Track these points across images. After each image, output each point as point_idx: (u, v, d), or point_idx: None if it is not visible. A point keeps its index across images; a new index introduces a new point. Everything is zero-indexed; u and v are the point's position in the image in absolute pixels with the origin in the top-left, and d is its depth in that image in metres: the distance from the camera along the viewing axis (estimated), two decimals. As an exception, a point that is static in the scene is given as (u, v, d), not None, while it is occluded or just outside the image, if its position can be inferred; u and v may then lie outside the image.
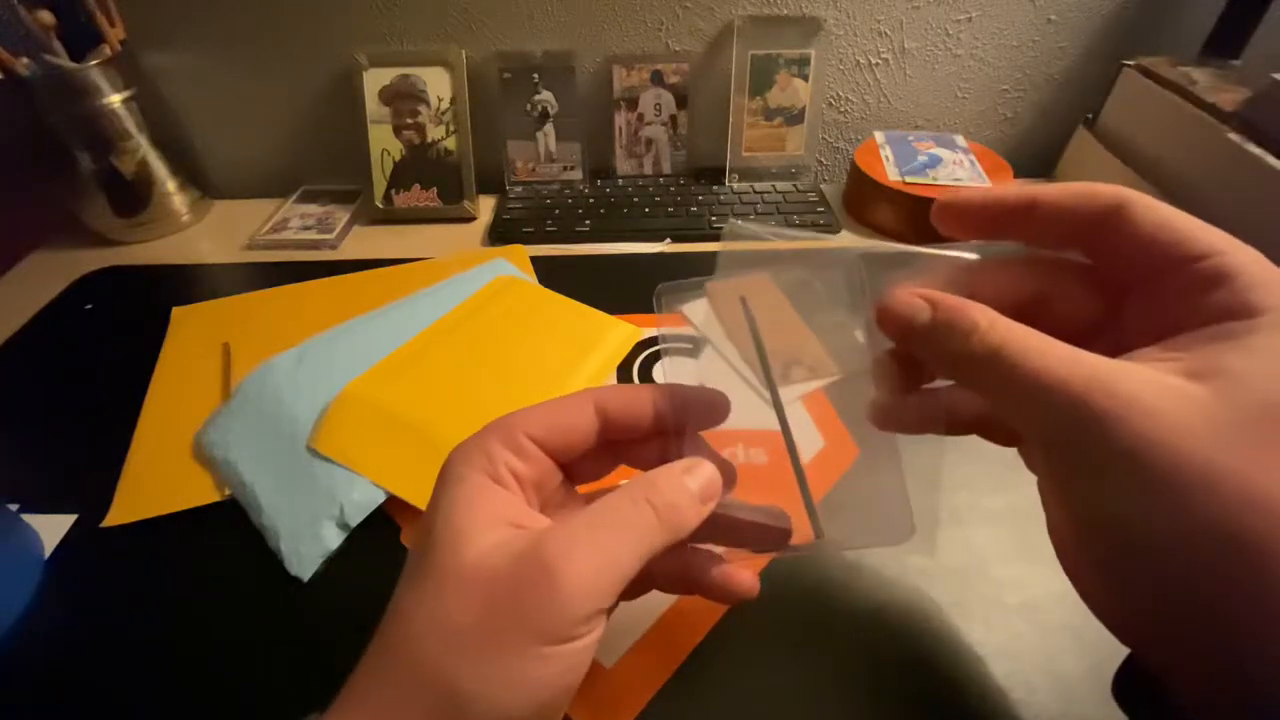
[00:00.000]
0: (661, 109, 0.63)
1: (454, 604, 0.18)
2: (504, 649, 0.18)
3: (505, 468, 0.21)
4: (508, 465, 0.21)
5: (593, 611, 0.18)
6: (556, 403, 0.23)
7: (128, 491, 0.37)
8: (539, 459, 0.22)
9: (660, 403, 0.24)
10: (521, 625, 0.18)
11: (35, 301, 0.53)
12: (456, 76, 0.60)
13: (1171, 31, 0.60)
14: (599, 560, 0.19)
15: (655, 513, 0.20)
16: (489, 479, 0.21)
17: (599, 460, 0.25)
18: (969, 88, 0.65)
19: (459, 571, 0.18)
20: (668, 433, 0.24)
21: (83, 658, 0.31)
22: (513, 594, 0.18)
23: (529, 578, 0.18)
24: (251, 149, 0.67)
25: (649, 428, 0.24)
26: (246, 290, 0.52)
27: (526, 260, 0.55)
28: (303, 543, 0.34)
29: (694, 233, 0.58)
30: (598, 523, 0.19)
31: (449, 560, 0.19)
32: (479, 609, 0.18)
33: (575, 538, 0.19)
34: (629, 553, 0.19)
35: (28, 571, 0.34)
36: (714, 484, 0.22)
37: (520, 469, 0.22)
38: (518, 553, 0.18)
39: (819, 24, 0.60)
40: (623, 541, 0.19)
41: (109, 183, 0.57)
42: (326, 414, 0.38)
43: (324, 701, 0.19)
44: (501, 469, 0.21)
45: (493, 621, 0.18)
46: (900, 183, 0.56)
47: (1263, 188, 0.44)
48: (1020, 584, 0.26)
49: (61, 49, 0.54)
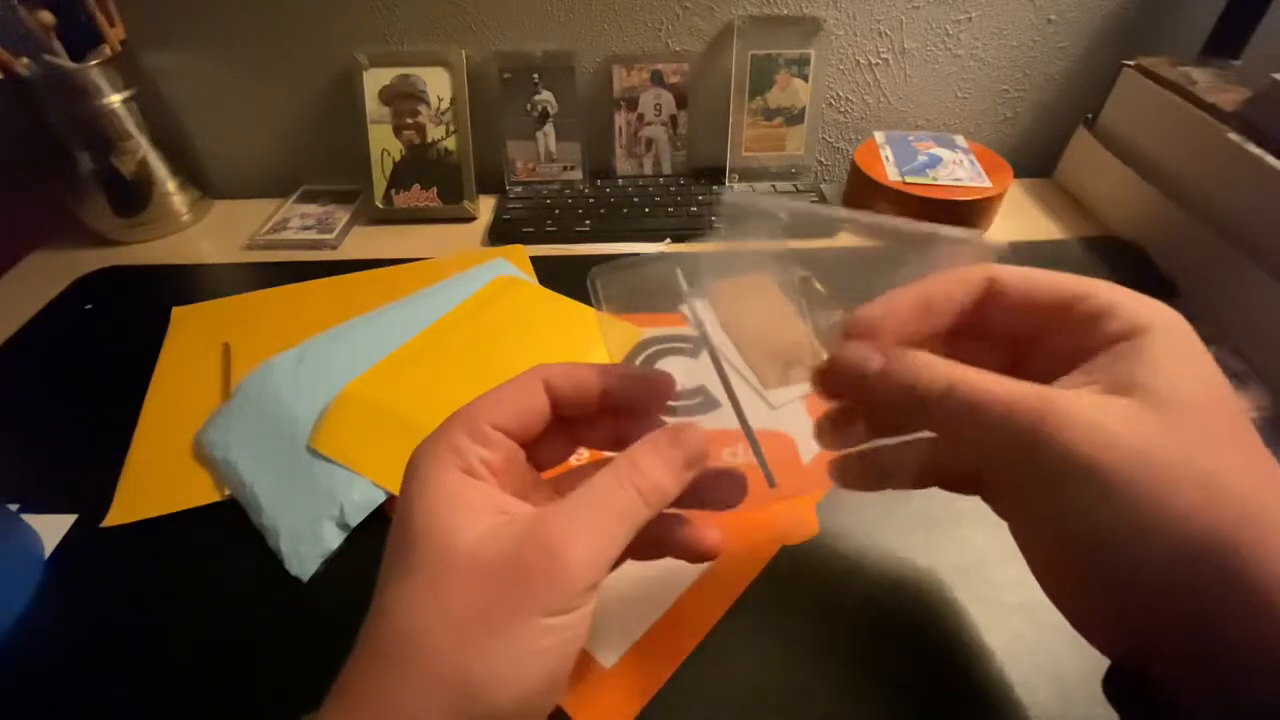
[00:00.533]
0: (661, 109, 0.63)
1: (455, 593, 0.19)
2: (512, 627, 0.18)
3: (477, 460, 0.22)
4: (478, 457, 0.22)
5: (591, 584, 0.20)
6: (510, 387, 0.24)
7: (128, 491, 0.37)
8: (504, 444, 0.23)
9: (608, 381, 0.25)
10: (527, 603, 0.19)
11: (35, 301, 0.53)
12: (456, 76, 0.60)
13: (1171, 31, 0.60)
14: (594, 539, 0.20)
15: (640, 494, 0.21)
16: (462, 473, 0.21)
17: (556, 443, 0.26)
18: (969, 88, 0.65)
19: (455, 562, 0.19)
20: (617, 413, 0.25)
21: (83, 658, 0.31)
22: (516, 575, 0.19)
23: (531, 559, 0.19)
24: (251, 149, 0.67)
25: (596, 403, 0.25)
26: (246, 290, 0.52)
27: (526, 260, 0.55)
28: (303, 543, 0.34)
29: (694, 233, 0.58)
30: (588, 504, 0.21)
31: (442, 553, 0.19)
32: (481, 595, 0.19)
33: (573, 518, 0.20)
34: (620, 530, 0.21)
35: (28, 571, 0.34)
36: (700, 449, 0.23)
37: (489, 458, 0.22)
38: (514, 537, 0.19)
39: (819, 24, 0.60)
40: (613, 519, 0.21)
41: (109, 183, 0.57)
42: (326, 414, 0.38)
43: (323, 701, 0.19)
44: (474, 461, 0.22)
45: (498, 604, 0.19)
46: (900, 183, 0.56)
47: (1263, 188, 0.44)
48: (1020, 584, 0.26)
49: (61, 49, 0.54)
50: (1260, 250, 0.44)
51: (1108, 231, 0.56)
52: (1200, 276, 0.48)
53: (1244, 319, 0.44)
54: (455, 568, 0.19)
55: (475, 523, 0.20)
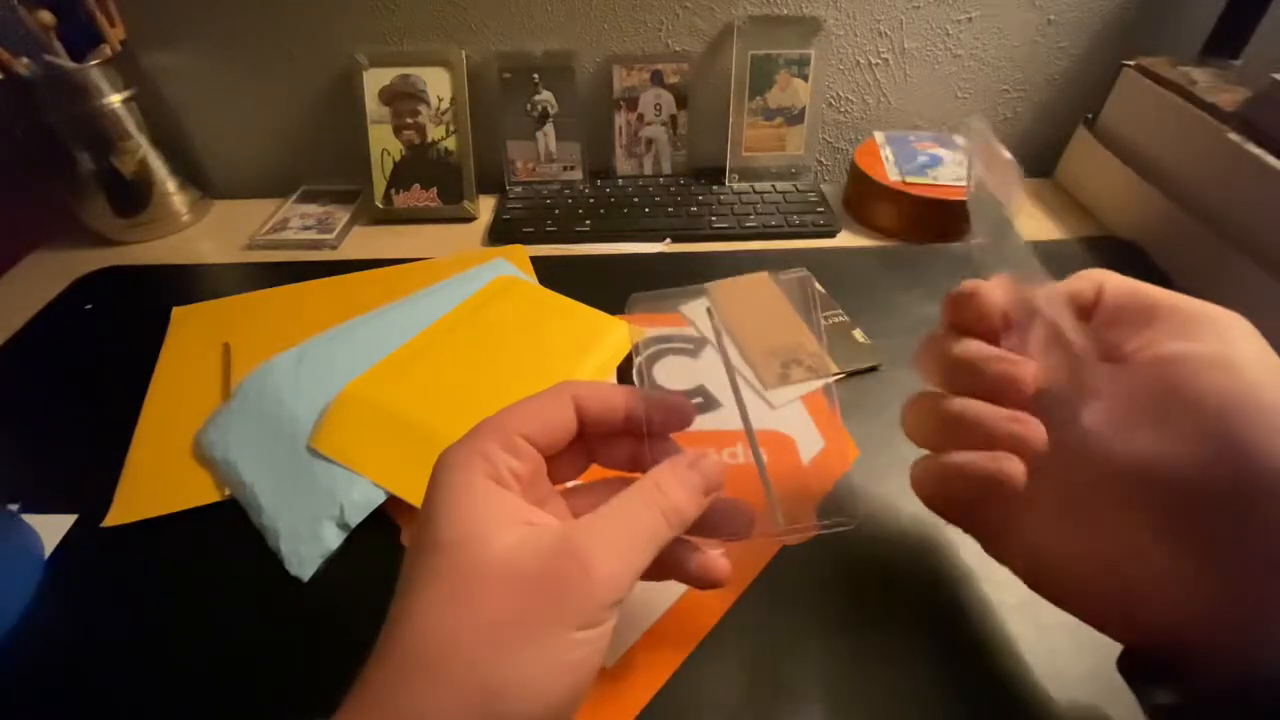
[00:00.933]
0: (661, 109, 0.63)
1: (487, 601, 0.19)
2: (545, 637, 0.19)
3: (506, 469, 0.22)
4: (508, 467, 0.22)
5: (618, 599, 0.20)
6: (541, 400, 0.24)
7: (128, 491, 0.37)
8: (532, 456, 0.23)
9: (632, 403, 0.25)
10: (561, 614, 0.19)
11: (35, 301, 0.53)
12: (456, 76, 0.60)
13: (1171, 31, 0.60)
14: (624, 555, 0.21)
15: (664, 517, 0.22)
16: (493, 482, 0.21)
17: (574, 459, 0.26)
18: (969, 88, 0.65)
19: (487, 571, 0.19)
20: (637, 434, 0.26)
21: (83, 658, 0.31)
22: (550, 586, 0.19)
23: (565, 571, 0.19)
24: (251, 149, 0.67)
25: (620, 426, 0.25)
26: (246, 290, 0.52)
27: (526, 260, 0.55)
28: (303, 543, 0.34)
29: (694, 233, 0.58)
30: (617, 522, 0.21)
31: (474, 561, 0.19)
32: (515, 603, 0.19)
33: (604, 535, 0.21)
34: (646, 549, 0.21)
35: (28, 571, 0.34)
36: (718, 477, 0.24)
37: (518, 469, 0.22)
38: (547, 549, 0.20)
39: (819, 24, 0.60)
40: (640, 537, 0.21)
41: (109, 183, 0.57)
42: (326, 414, 0.38)
43: (323, 701, 0.19)
44: (504, 471, 0.22)
45: (531, 614, 0.19)
46: (900, 183, 0.57)
47: (1263, 188, 0.44)
48: (1020, 584, 0.26)
49: (61, 49, 0.54)
50: (1260, 250, 0.44)
51: (1107, 231, 0.56)
52: (1200, 276, 0.48)
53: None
54: (487, 575, 0.19)
55: (505, 532, 0.20)
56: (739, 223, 0.58)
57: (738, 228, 0.58)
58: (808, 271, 0.31)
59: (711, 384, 0.43)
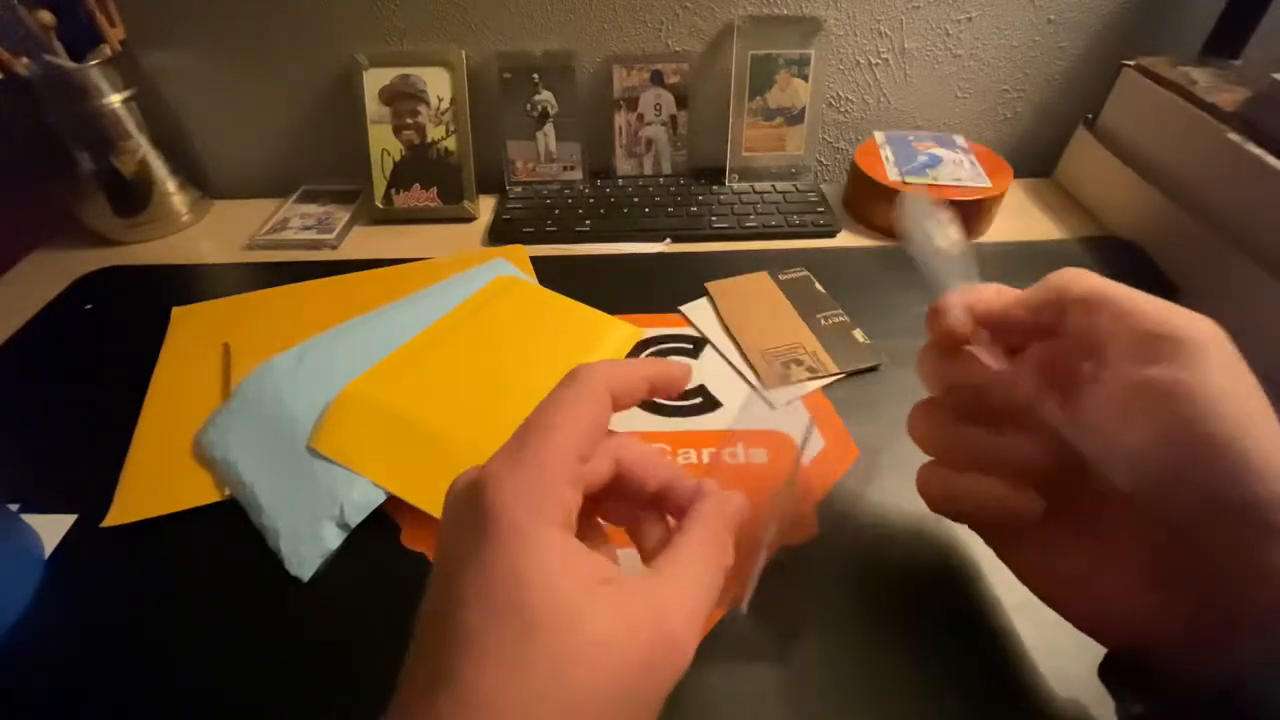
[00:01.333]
0: (661, 109, 0.63)
1: (582, 691, 0.17)
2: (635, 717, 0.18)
3: (573, 514, 0.20)
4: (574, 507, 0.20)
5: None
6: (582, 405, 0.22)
7: (128, 491, 0.37)
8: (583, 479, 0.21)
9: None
10: (656, 697, 0.19)
11: (35, 301, 0.53)
12: (456, 76, 0.60)
13: (1171, 31, 0.60)
14: (701, 625, 0.20)
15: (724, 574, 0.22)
16: (568, 533, 0.19)
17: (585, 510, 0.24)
18: (969, 88, 0.65)
19: (581, 653, 0.18)
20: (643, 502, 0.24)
21: (83, 658, 0.31)
22: (647, 672, 0.18)
23: (662, 655, 0.19)
24: (251, 149, 0.67)
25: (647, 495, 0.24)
26: (246, 290, 0.52)
27: (526, 260, 0.55)
28: (303, 543, 0.34)
29: (694, 233, 0.58)
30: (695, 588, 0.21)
31: (570, 650, 0.18)
32: (611, 691, 0.18)
33: (683, 606, 0.20)
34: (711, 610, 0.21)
35: (28, 571, 0.34)
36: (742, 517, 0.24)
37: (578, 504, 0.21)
38: (641, 626, 0.19)
39: (819, 24, 0.60)
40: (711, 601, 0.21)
41: (109, 183, 0.57)
42: (326, 414, 0.38)
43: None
44: (572, 514, 0.20)
45: (626, 700, 0.18)
46: (900, 183, 0.56)
47: (1263, 188, 0.44)
48: (1020, 584, 0.27)
49: (61, 49, 0.54)
50: (1260, 250, 0.44)
51: (1108, 231, 0.56)
52: (1200, 276, 0.48)
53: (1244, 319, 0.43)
54: (580, 657, 0.17)
55: (596, 607, 0.18)
56: (739, 223, 0.58)
57: (738, 228, 0.58)
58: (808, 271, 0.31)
59: (712, 384, 0.43)
